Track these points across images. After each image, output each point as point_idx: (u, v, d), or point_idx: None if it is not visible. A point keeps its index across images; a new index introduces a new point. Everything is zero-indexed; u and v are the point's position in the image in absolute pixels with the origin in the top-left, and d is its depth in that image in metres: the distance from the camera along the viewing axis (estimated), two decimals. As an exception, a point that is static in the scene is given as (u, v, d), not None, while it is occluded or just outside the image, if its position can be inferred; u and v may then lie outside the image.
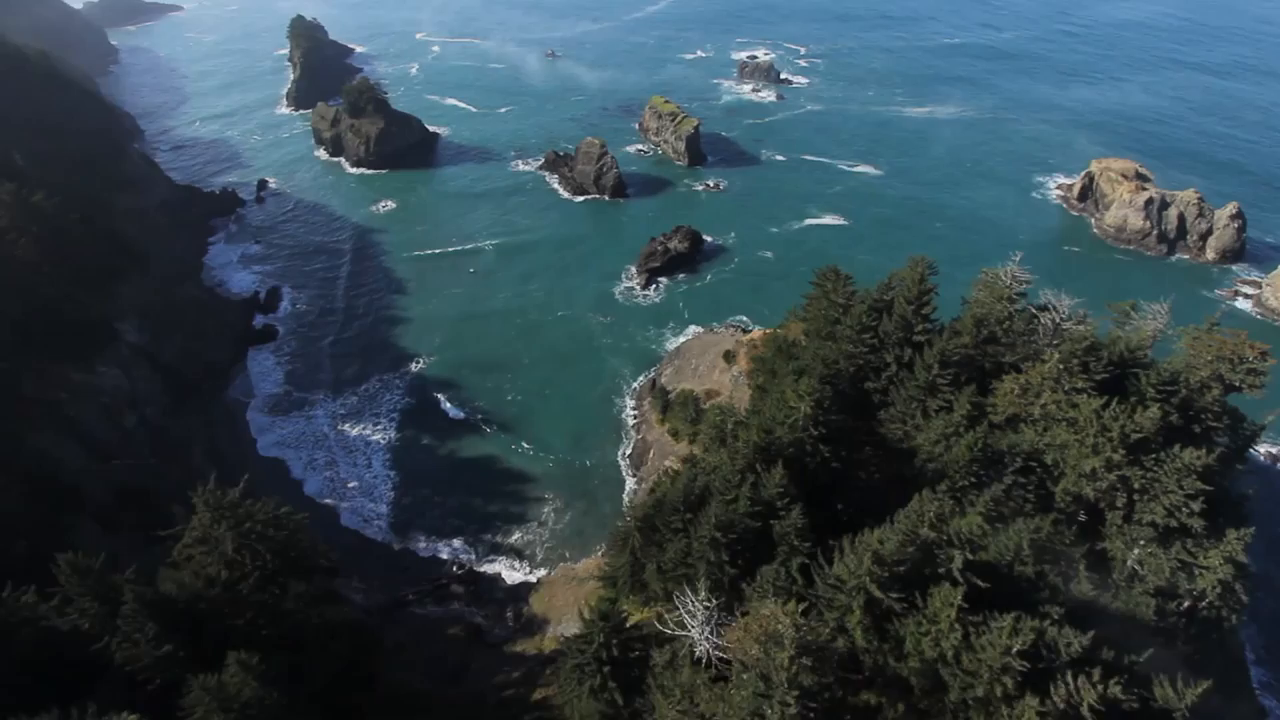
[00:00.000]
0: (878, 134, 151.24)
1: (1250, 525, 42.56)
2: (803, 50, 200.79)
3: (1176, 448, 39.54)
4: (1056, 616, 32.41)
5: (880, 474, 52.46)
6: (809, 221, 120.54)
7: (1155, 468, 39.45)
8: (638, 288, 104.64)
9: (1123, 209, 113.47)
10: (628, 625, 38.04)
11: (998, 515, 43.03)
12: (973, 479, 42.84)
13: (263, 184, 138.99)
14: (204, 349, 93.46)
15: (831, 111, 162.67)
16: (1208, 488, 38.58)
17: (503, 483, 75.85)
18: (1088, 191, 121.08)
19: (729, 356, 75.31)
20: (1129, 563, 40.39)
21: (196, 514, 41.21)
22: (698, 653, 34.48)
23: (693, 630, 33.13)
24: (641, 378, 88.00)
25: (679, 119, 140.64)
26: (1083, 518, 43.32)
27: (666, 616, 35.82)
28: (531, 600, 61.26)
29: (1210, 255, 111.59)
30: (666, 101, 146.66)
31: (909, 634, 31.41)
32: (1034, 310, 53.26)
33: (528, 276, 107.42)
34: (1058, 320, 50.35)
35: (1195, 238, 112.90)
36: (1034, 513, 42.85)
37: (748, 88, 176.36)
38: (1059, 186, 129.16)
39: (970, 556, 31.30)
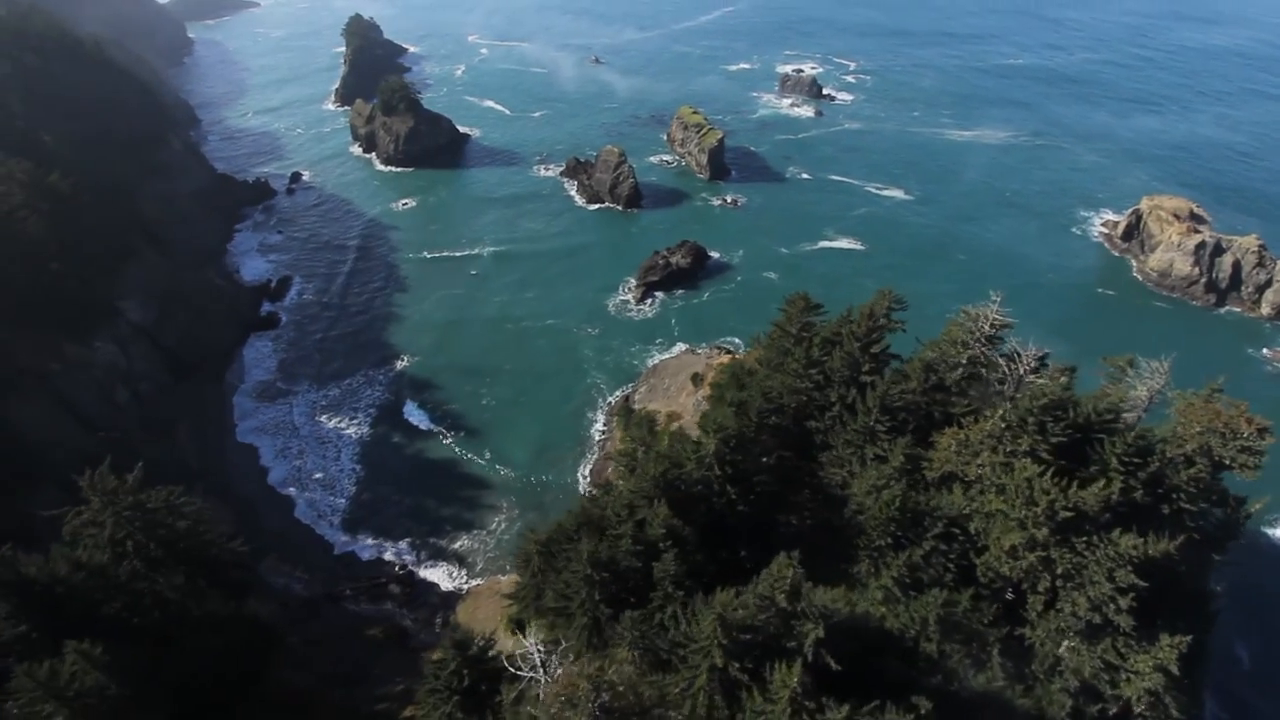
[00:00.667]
0: (914, 156, 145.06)
1: (1208, 628, 37.59)
2: (851, 65, 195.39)
3: (1116, 532, 34.94)
4: (925, 711, 28.91)
5: (813, 520, 49.29)
6: (823, 244, 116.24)
7: (1086, 552, 34.95)
8: (632, 301, 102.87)
9: (1169, 252, 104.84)
10: (490, 655, 36.36)
11: (912, 582, 39.47)
12: (890, 539, 39.32)
13: (296, 176, 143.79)
14: (207, 332, 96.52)
15: (869, 131, 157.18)
16: (1141, 583, 33.92)
17: (460, 488, 75.29)
18: (1133, 230, 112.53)
19: (696, 379, 72.75)
20: (1050, 655, 36.02)
21: (85, 497, 41.65)
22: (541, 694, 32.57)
23: (524, 671, 31.21)
24: (618, 394, 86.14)
25: (704, 131, 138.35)
26: (1010, 596, 39.13)
27: (516, 653, 33.99)
28: (459, 609, 60.27)
29: (1266, 310, 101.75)
30: (694, 112, 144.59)
31: (748, 713, 28.53)
32: (998, 359, 48.94)
33: (525, 283, 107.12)
34: (1020, 372, 45.99)
35: (1251, 289, 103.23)
36: (953, 585, 39.01)
37: (786, 102, 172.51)
38: (1104, 223, 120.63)
39: (820, 635, 28.10)
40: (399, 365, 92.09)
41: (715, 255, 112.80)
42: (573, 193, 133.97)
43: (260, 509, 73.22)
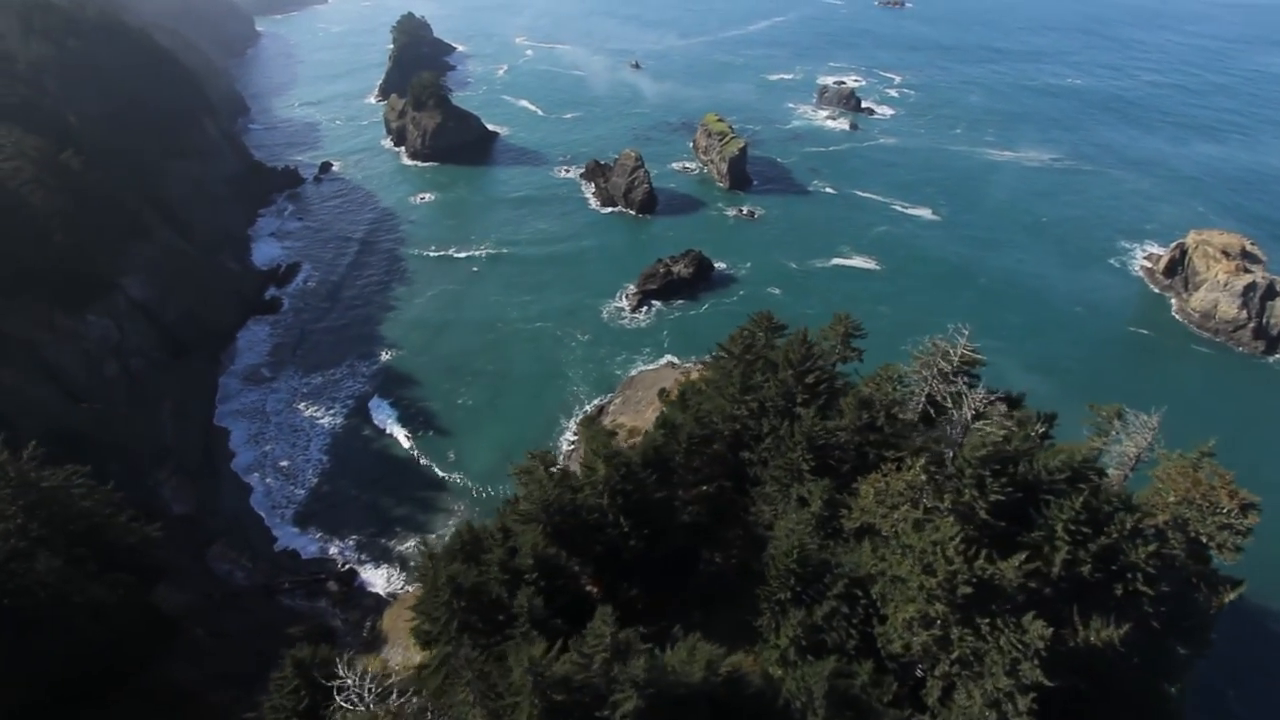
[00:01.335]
0: (948, 176, 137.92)
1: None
2: (896, 80, 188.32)
3: (1029, 616, 30.23)
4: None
5: (737, 560, 45.77)
6: (836, 261, 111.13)
7: (989, 636, 30.34)
8: (627, 309, 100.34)
9: (1214, 291, 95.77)
10: (336, 675, 34.30)
11: (812, 645, 35.63)
12: (789, 594, 35.58)
13: (326, 166, 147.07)
14: (208, 313, 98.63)
15: (904, 147, 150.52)
16: (1047, 682, 29.14)
17: (418, 489, 74.16)
18: (1177, 266, 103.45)
19: (663, 394, 69.48)
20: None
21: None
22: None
23: (348, 701, 29.00)
24: (594, 403, 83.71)
25: (727, 139, 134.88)
26: (920, 674, 34.71)
27: (346, 681, 31.77)
28: (385, 615, 58.77)
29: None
30: (719, 120, 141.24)
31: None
32: (948, 399, 44.24)
33: (522, 284, 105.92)
34: (966, 416, 41.32)
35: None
36: (855, 654, 34.96)
37: (822, 114, 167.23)
38: (1146, 256, 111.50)
39: (636, 707, 24.72)
40: (384, 359, 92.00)
41: (721, 266, 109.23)
42: (588, 195, 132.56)
43: (220, 493, 73.73)
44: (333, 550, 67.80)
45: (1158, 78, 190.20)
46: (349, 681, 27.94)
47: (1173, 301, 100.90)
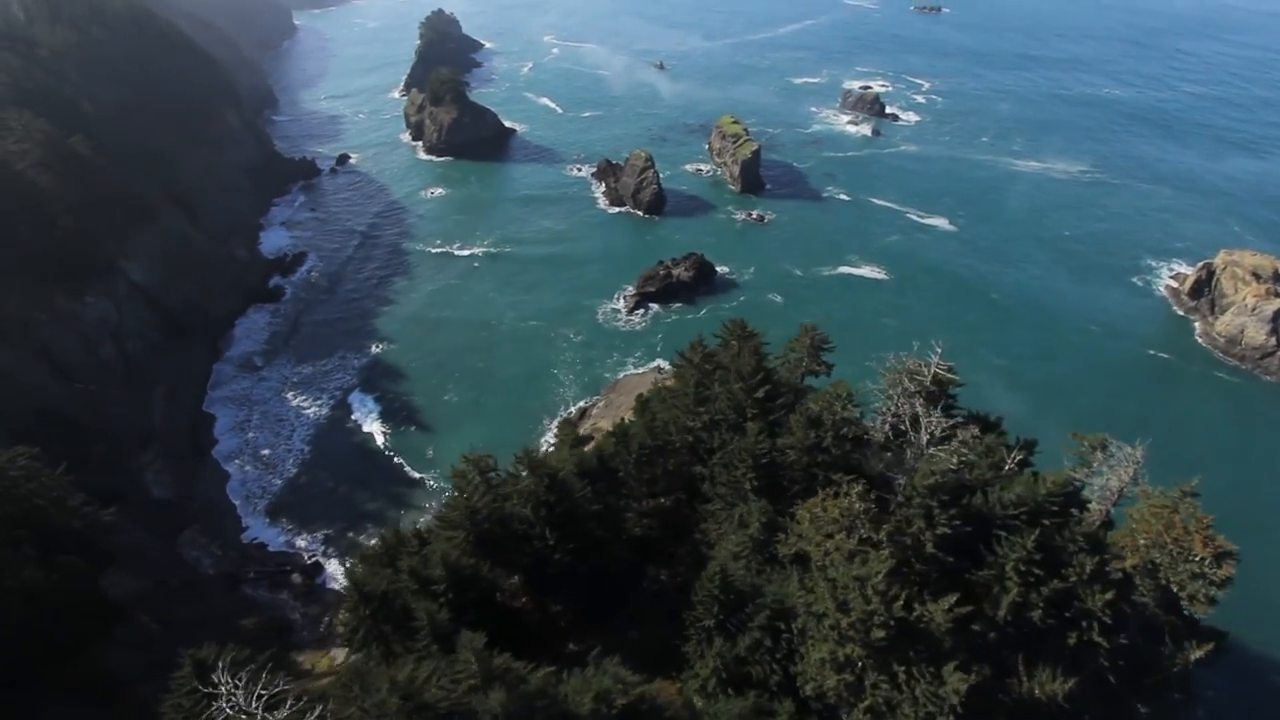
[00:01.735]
0: (969, 186, 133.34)
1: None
2: (925, 86, 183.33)
3: (949, 667, 27.75)
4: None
5: (683, 580, 43.88)
6: (843, 269, 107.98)
7: (905, 685, 27.85)
8: (623, 311, 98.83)
9: (1241, 316, 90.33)
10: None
11: (735, 678, 33.64)
12: (714, 621, 33.65)
13: (343, 158, 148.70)
14: (211, 299, 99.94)
15: (926, 154, 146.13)
16: None
17: (393, 484, 73.73)
18: (1203, 287, 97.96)
19: (639, 399, 67.75)
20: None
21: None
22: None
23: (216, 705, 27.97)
24: (579, 405, 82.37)
25: (740, 141, 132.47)
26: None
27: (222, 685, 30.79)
28: (340, 612, 58.05)
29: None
30: (735, 122, 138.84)
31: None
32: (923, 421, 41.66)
33: (521, 282, 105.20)
34: (922, 440, 38.77)
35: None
36: (776, 691, 32.83)
37: (845, 119, 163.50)
38: (1172, 276, 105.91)
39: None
40: (375, 352, 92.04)
41: (723, 270, 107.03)
42: (597, 195, 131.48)
43: (200, 479, 74.22)
44: (300, 543, 67.67)
45: (1199, 89, 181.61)
46: (223, 689, 26.83)
47: (1197, 325, 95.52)
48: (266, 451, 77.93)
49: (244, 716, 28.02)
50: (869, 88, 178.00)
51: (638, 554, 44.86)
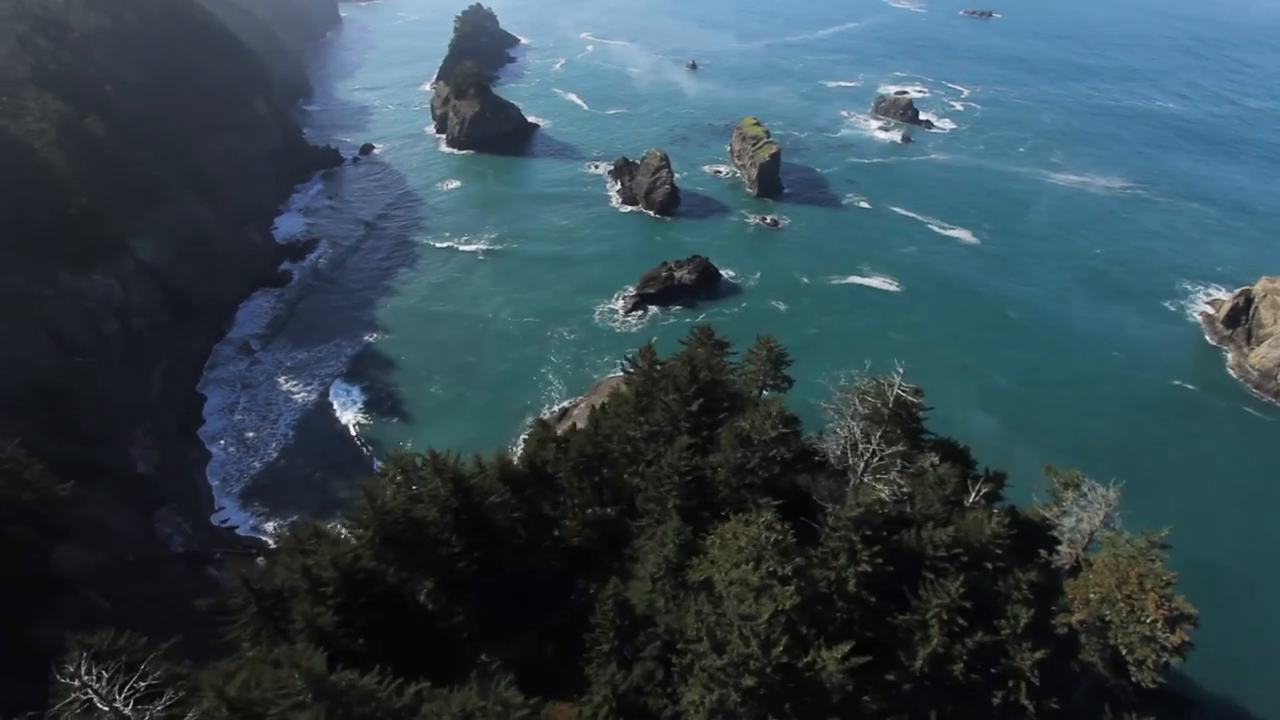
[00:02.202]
0: (998, 197, 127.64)
1: None
2: (964, 93, 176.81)
3: None
4: None
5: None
6: (853, 279, 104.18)
7: None
8: (620, 311, 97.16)
9: (1278, 348, 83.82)
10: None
11: (626, 708, 31.60)
12: (610, 646, 31.76)
13: (367, 148, 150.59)
14: (218, 281, 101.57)
15: (956, 163, 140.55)
16: None
17: (368, 474, 73.06)
18: (1240, 315, 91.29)
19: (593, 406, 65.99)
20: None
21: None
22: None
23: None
24: (563, 404, 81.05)
25: (760, 144, 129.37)
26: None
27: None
28: (294, 601, 57.83)
29: None
30: (756, 124, 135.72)
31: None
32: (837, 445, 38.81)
33: (522, 279, 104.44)
34: (859, 467, 35.97)
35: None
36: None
37: (875, 124, 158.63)
38: (1209, 301, 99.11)
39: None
40: (370, 341, 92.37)
41: (729, 275, 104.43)
42: (611, 193, 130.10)
43: (183, 458, 75.22)
44: (270, 527, 67.91)
45: (1260, 104, 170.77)
46: (76, 682, 26.06)
47: (1229, 355, 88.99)
48: (251, 434, 78.68)
49: (107, 710, 27.28)
50: (904, 93, 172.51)
51: (572, 565, 43.18)
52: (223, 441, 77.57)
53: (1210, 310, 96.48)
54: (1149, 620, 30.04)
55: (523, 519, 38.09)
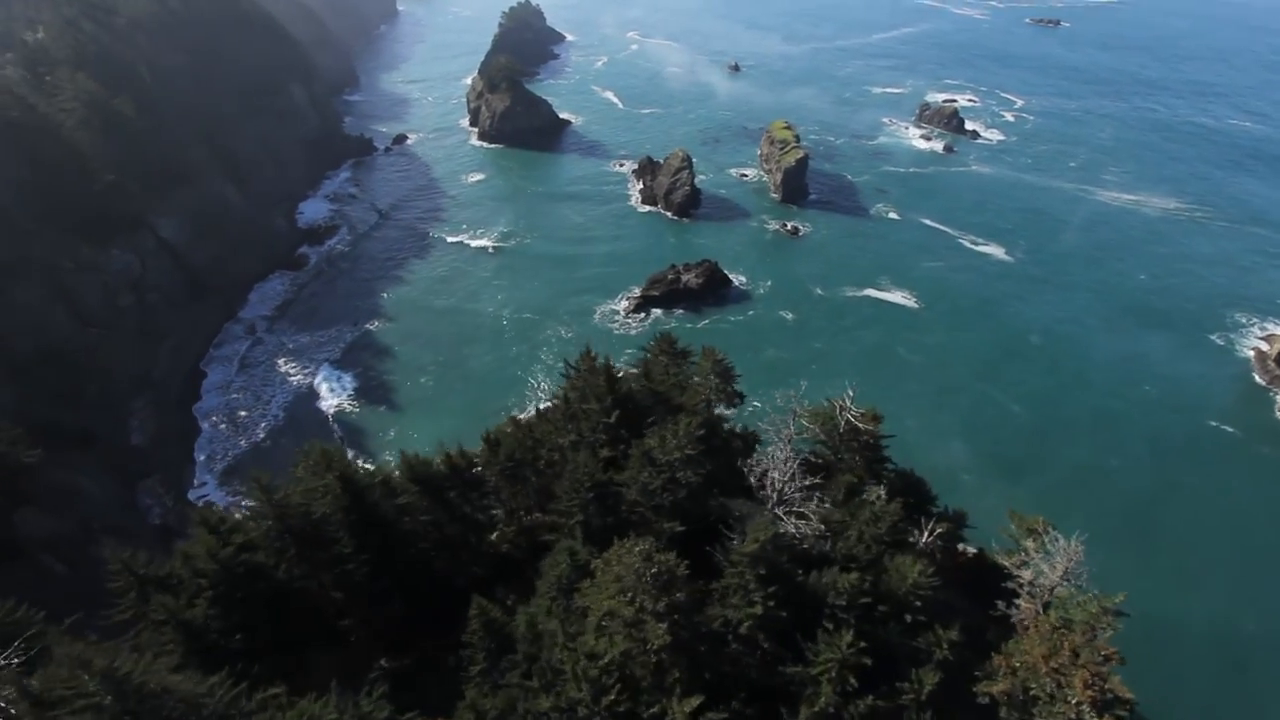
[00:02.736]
0: (1039, 214, 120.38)
1: None
2: (1018, 104, 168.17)
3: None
4: None
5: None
6: (869, 292, 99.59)
7: None
8: (622, 313, 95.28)
9: (1337, 391, 75.81)
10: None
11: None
12: (481, 666, 29.95)
13: (400, 138, 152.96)
14: (236, 261, 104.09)
15: (999, 176, 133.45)
16: None
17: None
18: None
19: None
20: None
21: None
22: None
23: None
24: (546, 404, 79.51)
25: (787, 148, 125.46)
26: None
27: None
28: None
29: None
30: (786, 127, 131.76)
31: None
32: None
33: (529, 274, 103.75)
34: (772, 496, 32.99)
35: None
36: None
37: (917, 133, 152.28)
38: (1263, 336, 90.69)
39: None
40: (370, 329, 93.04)
41: (739, 281, 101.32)
42: (632, 192, 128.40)
43: (175, 432, 76.92)
44: (245, 505, 68.35)
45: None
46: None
47: (1278, 399, 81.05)
48: (244, 413, 79.97)
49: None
50: (952, 101, 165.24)
51: (497, 573, 41.53)
52: (215, 418, 79.07)
53: (1263, 346, 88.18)
54: (1074, 701, 26.32)
55: (433, 521, 36.61)
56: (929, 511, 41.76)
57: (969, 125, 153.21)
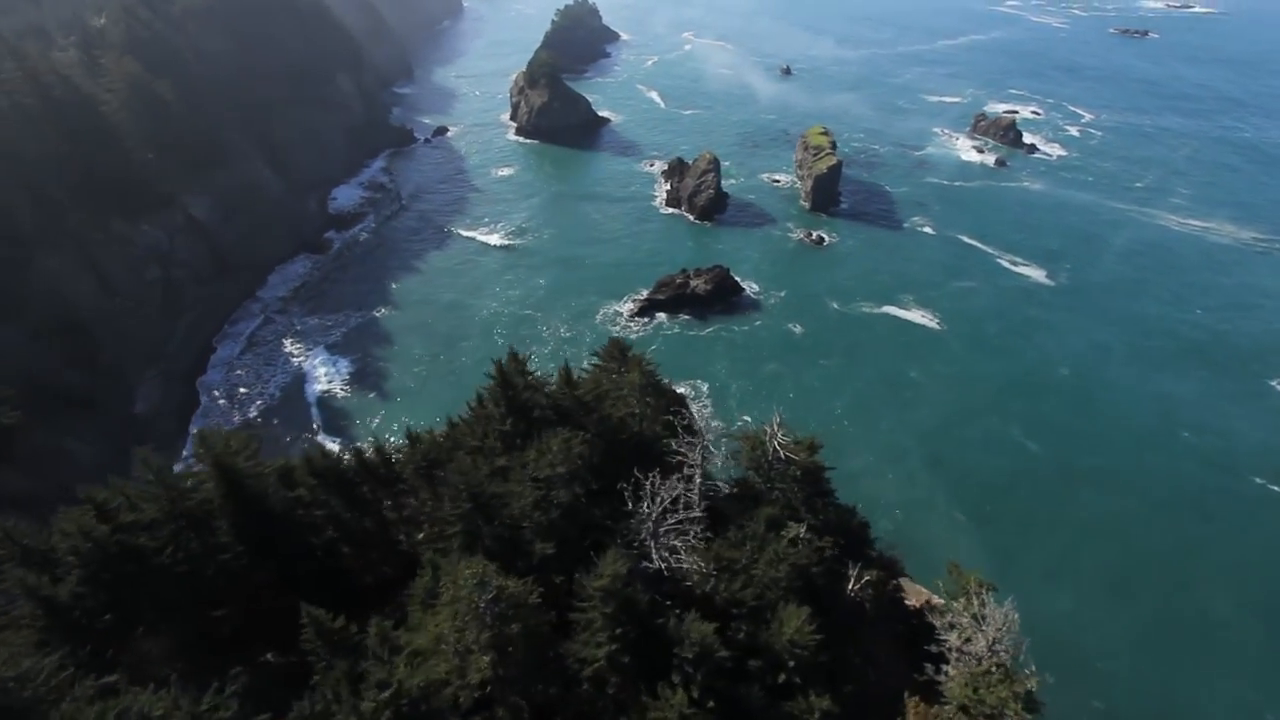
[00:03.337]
0: (1090, 237, 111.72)
1: None
2: (1085, 118, 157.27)
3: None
4: None
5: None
6: (887, 309, 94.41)
7: None
8: (625, 315, 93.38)
9: None
10: None
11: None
12: (340, 689, 28.64)
13: (441, 130, 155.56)
14: (264, 243, 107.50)
15: (1053, 195, 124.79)
16: None
17: (332, 444, 74.25)
18: (1367, 406, 73.60)
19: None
20: None
21: None
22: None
23: None
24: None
25: (820, 155, 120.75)
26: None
27: None
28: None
29: None
30: (822, 133, 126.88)
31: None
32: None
33: (539, 271, 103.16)
34: (649, 518, 30.32)
35: None
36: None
37: (969, 144, 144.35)
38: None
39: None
40: (376, 316, 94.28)
41: (751, 289, 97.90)
42: (658, 193, 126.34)
43: (176, 404, 79.59)
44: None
45: None
46: None
47: (1337, 454, 72.04)
48: (243, 390, 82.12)
49: None
50: (1014, 112, 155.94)
51: (408, 573, 40.43)
52: (215, 392, 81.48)
53: (1328, 397, 78.76)
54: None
55: (332, 516, 35.75)
56: (867, 555, 38.36)
57: (1027, 138, 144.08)
